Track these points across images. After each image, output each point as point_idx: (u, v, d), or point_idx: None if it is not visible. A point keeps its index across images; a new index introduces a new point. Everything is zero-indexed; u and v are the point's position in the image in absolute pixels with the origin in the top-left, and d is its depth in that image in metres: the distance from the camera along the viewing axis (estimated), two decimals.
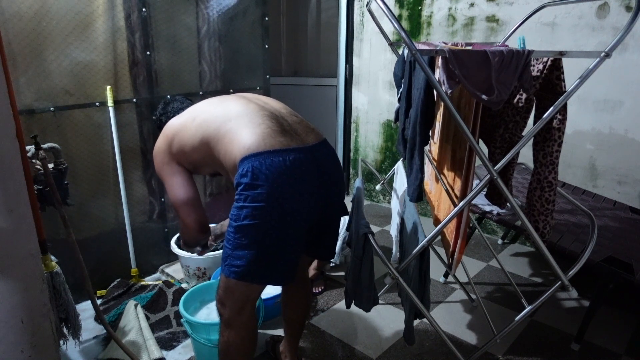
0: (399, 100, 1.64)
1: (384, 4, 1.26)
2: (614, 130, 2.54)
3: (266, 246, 1.28)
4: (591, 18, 2.48)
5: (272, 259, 1.30)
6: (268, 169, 1.23)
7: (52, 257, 1.61)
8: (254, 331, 1.46)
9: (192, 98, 2.09)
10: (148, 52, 2.28)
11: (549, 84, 1.41)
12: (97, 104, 2.16)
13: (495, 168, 1.36)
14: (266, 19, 2.76)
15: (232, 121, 1.34)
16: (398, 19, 1.58)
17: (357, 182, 1.92)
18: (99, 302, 2.18)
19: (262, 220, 1.25)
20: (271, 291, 2.12)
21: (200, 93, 2.54)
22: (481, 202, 2.30)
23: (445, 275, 2.55)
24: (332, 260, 2.39)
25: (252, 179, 1.23)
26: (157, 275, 2.53)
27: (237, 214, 1.26)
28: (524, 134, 1.50)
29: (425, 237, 1.44)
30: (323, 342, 2.03)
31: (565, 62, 1.36)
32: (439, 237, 1.66)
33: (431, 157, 2.02)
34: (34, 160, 1.55)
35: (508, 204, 1.59)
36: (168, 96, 1.99)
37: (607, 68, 2.41)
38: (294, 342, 1.76)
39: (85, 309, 2.07)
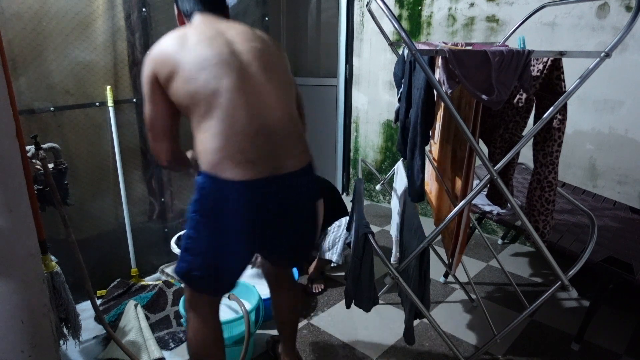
0: (399, 100, 1.64)
1: (384, 4, 1.26)
2: (614, 130, 2.54)
3: (199, 259, 1.28)
4: (591, 18, 2.48)
5: (204, 272, 1.30)
6: (215, 201, 1.20)
7: (52, 257, 1.61)
8: (207, 327, 1.41)
9: None
10: (148, 52, 2.28)
11: (549, 84, 1.41)
12: (97, 104, 2.16)
13: (495, 168, 1.36)
14: (266, 19, 2.76)
15: (214, 115, 1.17)
16: (398, 19, 1.58)
17: (357, 182, 1.92)
18: (99, 302, 2.18)
19: (198, 235, 1.25)
20: None
21: None
22: (481, 202, 2.30)
23: (445, 275, 2.55)
24: (332, 260, 2.39)
25: (200, 197, 1.21)
26: (157, 275, 2.53)
27: (188, 216, 1.27)
28: (524, 134, 1.50)
29: (426, 237, 1.44)
30: (323, 342, 2.03)
31: (565, 62, 1.36)
32: (439, 237, 1.66)
33: (431, 157, 2.02)
34: (34, 160, 1.55)
35: (508, 204, 1.59)
36: None
37: (607, 68, 2.40)
38: (290, 343, 1.75)
39: (85, 309, 2.07)
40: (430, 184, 2.04)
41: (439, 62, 1.34)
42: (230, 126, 1.16)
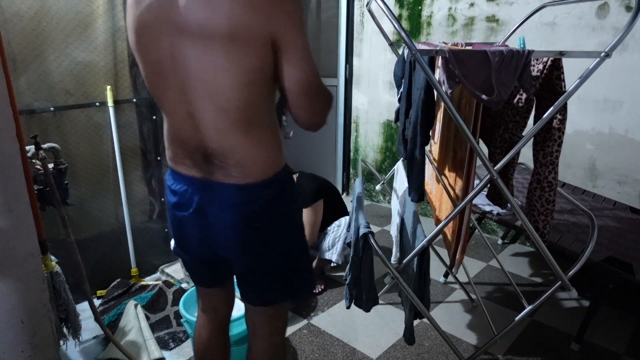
0: (399, 100, 1.64)
1: (384, 4, 1.26)
2: (614, 130, 2.54)
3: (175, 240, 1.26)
4: (591, 18, 2.48)
5: (177, 251, 1.27)
6: (165, 187, 1.20)
7: (52, 257, 1.61)
8: (199, 319, 1.35)
9: None
10: None
11: (549, 84, 1.41)
12: (97, 104, 2.16)
13: (495, 168, 1.36)
14: None
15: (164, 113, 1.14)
16: (398, 19, 1.58)
17: (357, 182, 1.93)
18: (99, 302, 2.18)
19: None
20: None
21: None
22: (481, 202, 2.30)
23: (445, 275, 2.55)
24: (332, 260, 2.39)
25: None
26: (157, 275, 2.53)
27: None
28: (524, 134, 1.50)
29: (425, 237, 1.44)
30: (323, 342, 2.03)
31: (565, 62, 1.36)
32: (440, 237, 1.66)
33: (432, 157, 2.02)
34: (34, 160, 1.55)
35: (508, 204, 1.59)
36: None
37: (607, 68, 2.41)
38: None
39: (85, 309, 2.06)
40: (430, 184, 2.04)
41: (439, 62, 1.34)
42: (171, 134, 1.13)
